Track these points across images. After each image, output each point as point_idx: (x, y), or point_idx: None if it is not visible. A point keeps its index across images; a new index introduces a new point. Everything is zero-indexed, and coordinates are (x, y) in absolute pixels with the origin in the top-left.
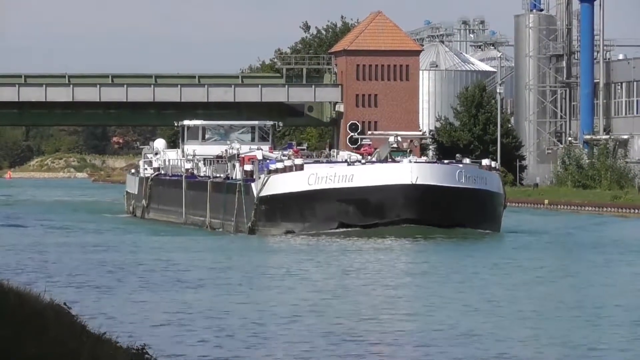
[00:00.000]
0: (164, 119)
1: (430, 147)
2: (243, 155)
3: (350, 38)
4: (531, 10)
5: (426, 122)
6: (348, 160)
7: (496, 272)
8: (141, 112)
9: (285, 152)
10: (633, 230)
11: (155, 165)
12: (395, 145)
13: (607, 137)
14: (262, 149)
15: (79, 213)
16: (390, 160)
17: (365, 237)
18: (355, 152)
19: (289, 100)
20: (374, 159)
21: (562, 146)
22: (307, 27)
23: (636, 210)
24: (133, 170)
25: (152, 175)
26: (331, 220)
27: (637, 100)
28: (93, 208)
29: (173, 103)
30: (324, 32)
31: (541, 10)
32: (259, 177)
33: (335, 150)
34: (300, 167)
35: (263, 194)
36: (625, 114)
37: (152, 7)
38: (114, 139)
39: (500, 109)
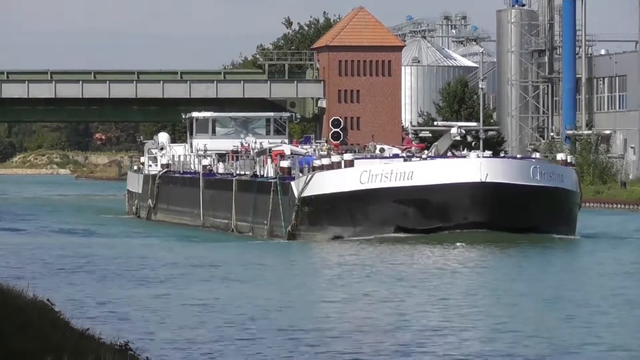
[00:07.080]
0: (146, 115)
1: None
2: (274, 151)
3: (333, 34)
4: (513, 6)
5: (408, 117)
6: (404, 155)
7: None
8: (124, 109)
9: (321, 146)
10: None
11: (163, 161)
12: (458, 138)
13: (590, 132)
14: (285, 142)
15: (76, 213)
16: (450, 155)
17: (427, 243)
18: (398, 146)
19: (271, 96)
20: (431, 154)
21: (544, 141)
22: (289, 23)
23: (618, 205)
24: (135, 167)
25: (160, 173)
26: (387, 223)
27: (619, 95)
28: (90, 207)
29: (155, 99)
30: (306, 28)
31: (523, 5)
32: (299, 175)
33: (374, 144)
34: (350, 164)
35: (306, 194)
36: (608, 109)
37: (134, 4)
38: (97, 135)
39: (483, 104)
